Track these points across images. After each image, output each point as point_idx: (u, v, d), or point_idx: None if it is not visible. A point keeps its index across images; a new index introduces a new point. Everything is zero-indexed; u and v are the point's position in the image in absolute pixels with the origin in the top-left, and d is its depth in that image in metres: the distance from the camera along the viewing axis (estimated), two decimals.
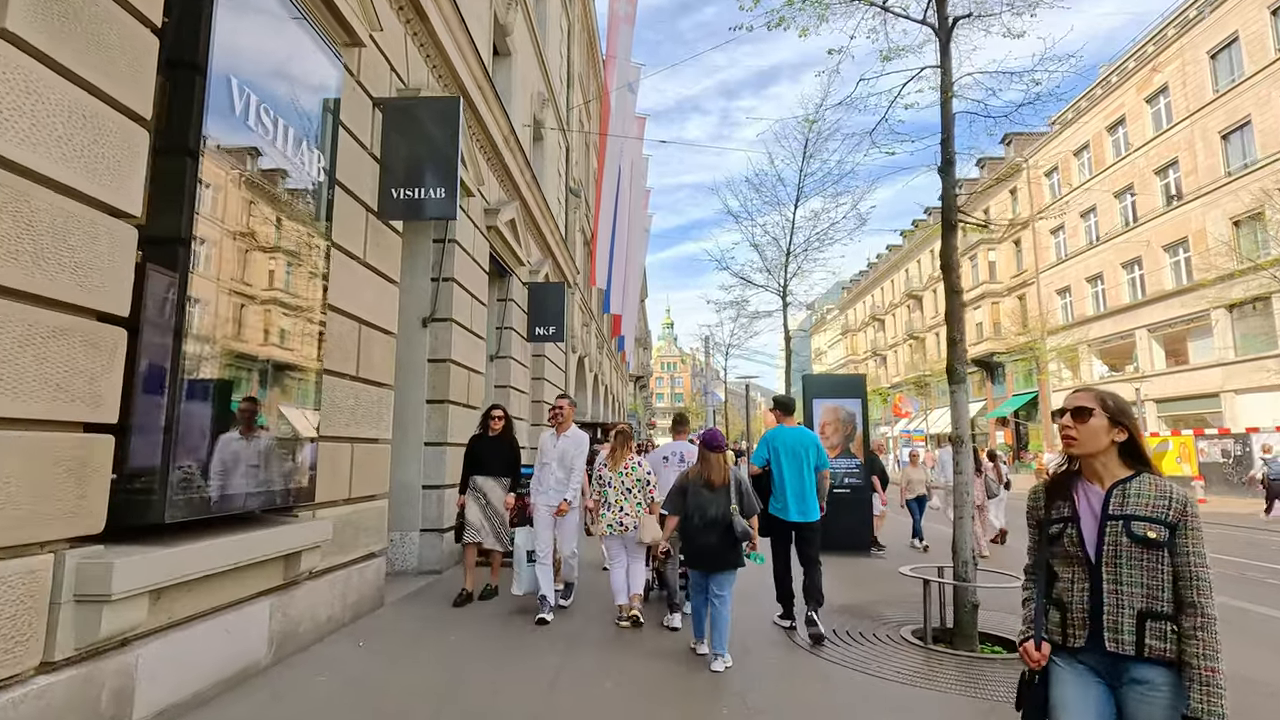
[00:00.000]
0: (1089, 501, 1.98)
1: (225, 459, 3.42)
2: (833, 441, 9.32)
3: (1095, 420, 1.98)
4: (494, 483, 6.08)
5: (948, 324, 5.18)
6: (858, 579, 7.46)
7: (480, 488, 6.05)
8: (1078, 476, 2.05)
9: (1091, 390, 2.05)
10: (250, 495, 3.62)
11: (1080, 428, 1.99)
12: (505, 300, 10.45)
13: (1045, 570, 2.04)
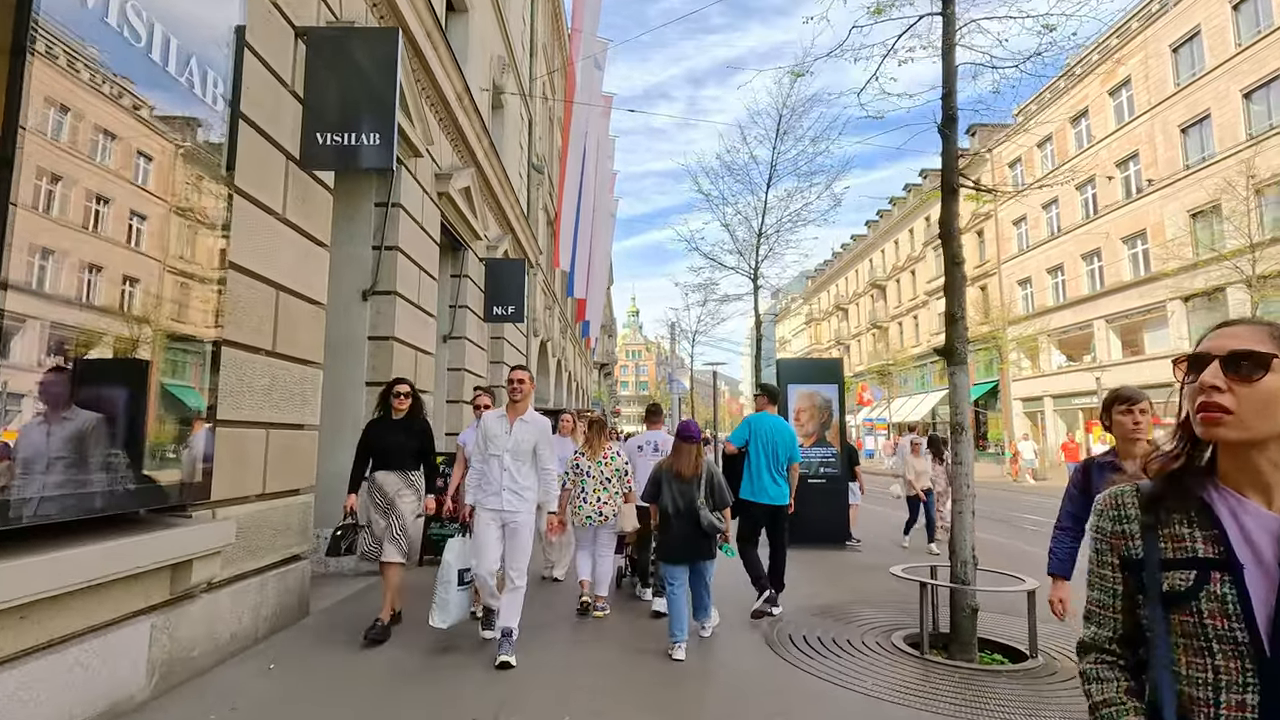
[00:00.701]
0: (1250, 533, 1.02)
1: (61, 450, 2.68)
2: (808, 429, 8.85)
3: (1273, 378, 1.00)
4: (397, 478, 4.75)
5: (948, 298, 4.67)
6: (835, 575, 6.99)
7: (379, 485, 4.72)
8: (1209, 481, 1.08)
9: (1259, 324, 1.05)
10: (105, 494, 2.87)
11: (1242, 390, 1.00)
12: (460, 276, 9.68)
13: (1157, 654, 1.06)
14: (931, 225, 40.91)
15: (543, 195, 17.78)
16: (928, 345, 39.97)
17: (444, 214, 8.44)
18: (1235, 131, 21.88)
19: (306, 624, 4.78)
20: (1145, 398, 2.75)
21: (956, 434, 4.56)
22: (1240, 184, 17.36)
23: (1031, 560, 6.79)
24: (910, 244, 44.42)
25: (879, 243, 50.13)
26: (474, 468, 4.39)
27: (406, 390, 4.91)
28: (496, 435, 4.28)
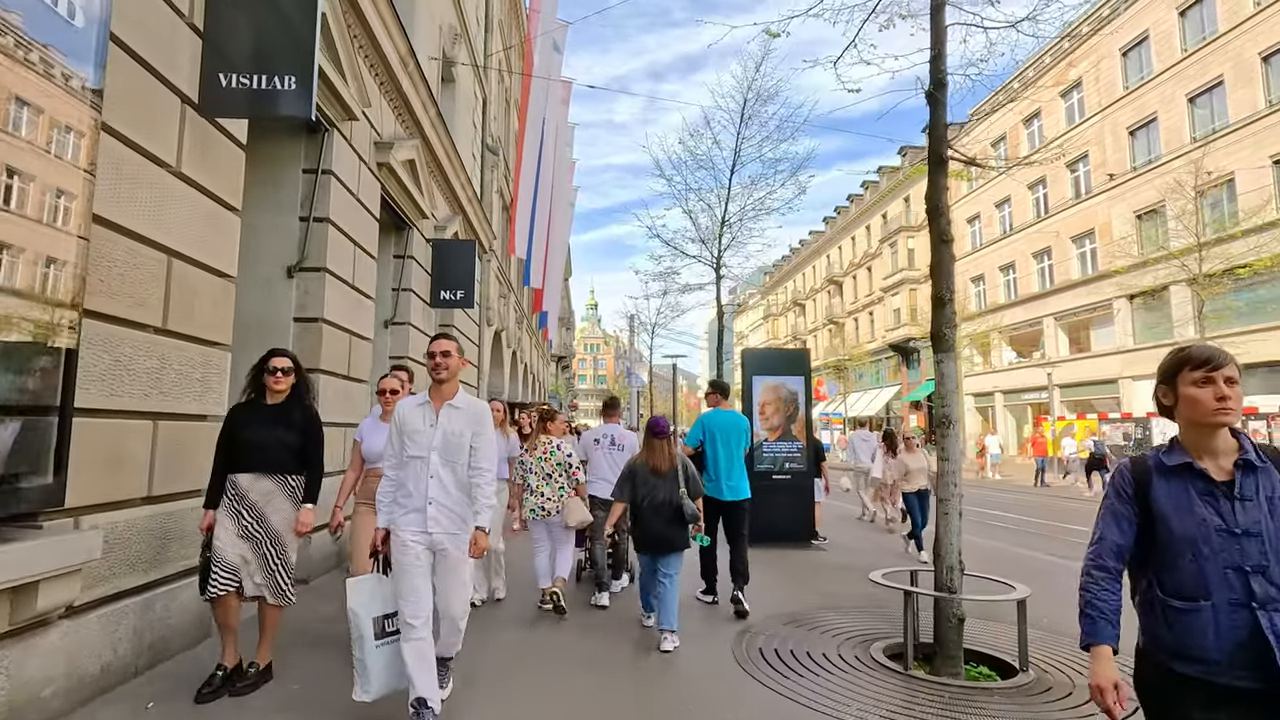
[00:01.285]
0: None
1: None
2: (773, 422, 8.46)
3: None
4: (270, 484, 3.51)
5: (935, 279, 4.27)
6: (802, 577, 6.60)
7: (244, 493, 3.47)
8: None
9: None
10: None
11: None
12: (404, 258, 8.97)
13: None
14: (888, 223, 41.38)
15: (498, 179, 17.03)
16: (883, 341, 40.46)
17: (385, 187, 7.73)
18: (1180, 134, 22.49)
19: (201, 651, 4.10)
20: (1231, 359, 1.75)
21: (944, 427, 4.18)
22: (1189, 183, 17.71)
23: (1011, 560, 6.56)
24: (867, 241, 44.88)
25: (836, 239, 50.56)
26: (388, 476, 3.24)
27: (286, 365, 3.63)
28: (417, 430, 3.15)
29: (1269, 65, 19.87)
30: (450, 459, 3.16)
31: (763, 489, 8.24)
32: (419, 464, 3.14)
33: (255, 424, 3.55)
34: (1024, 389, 29.78)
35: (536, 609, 5.25)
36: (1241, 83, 20.43)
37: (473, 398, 3.40)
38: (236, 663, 3.49)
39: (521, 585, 5.89)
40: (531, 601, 5.43)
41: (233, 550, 3.42)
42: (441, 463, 3.15)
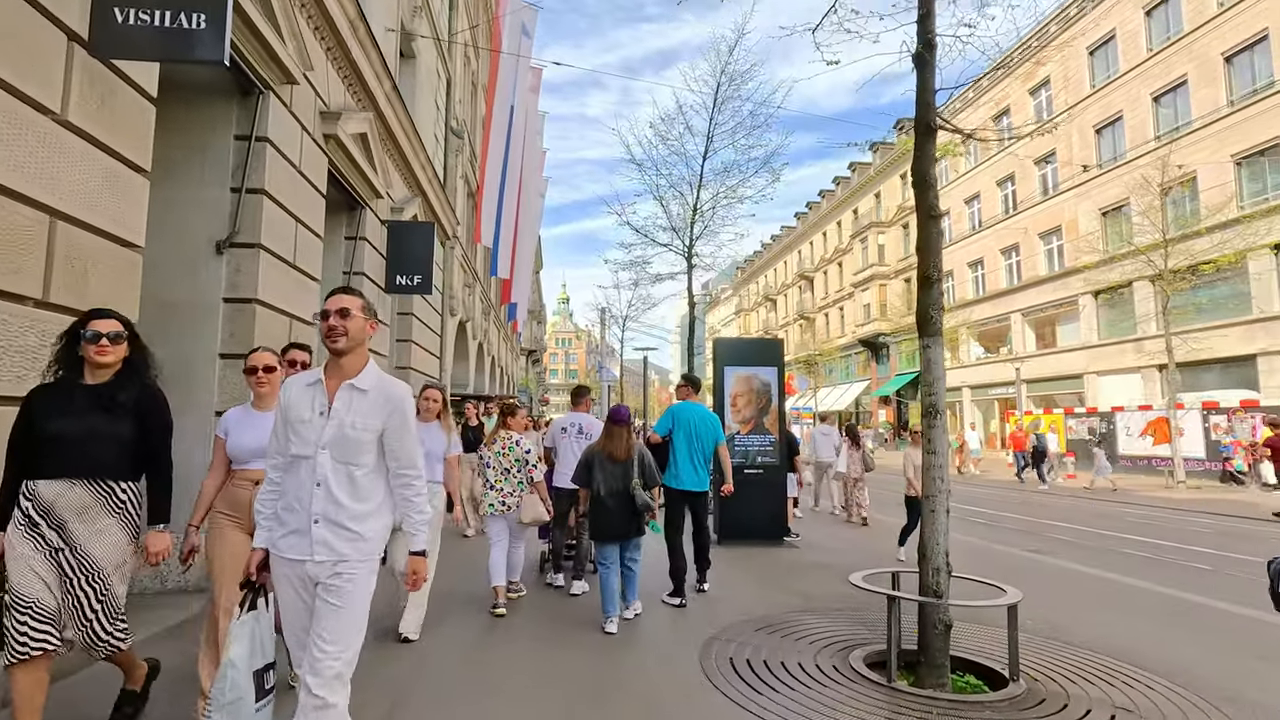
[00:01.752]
0: None
1: None
2: (745, 415, 8.12)
3: None
4: (86, 494, 2.60)
5: (922, 257, 3.94)
6: (777, 577, 6.27)
7: (47, 507, 2.54)
8: None
9: None
10: None
11: None
12: (356, 239, 8.42)
13: None
14: (859, 218, 41.53)
15: (463, 164, 16.44)
16: (853, 337, 40.65)
17: (333, 162, 7.18)
18: (1145, 133, 22.78)
19: None
20: None
21: (930, 418, 3.85)
22: (1155, 179, 17.86)
23: (995, 559, 6.33)
24: (838, 236, 45.02)
25: (808, 234, 50.68)
26: (270, 481, 2.38)
27: (113, 329, 2.69)
28: (304, 418, 2.28)
29: (1231, 65, 20.17)
30: (347, 459, 2.26)
31: (734, 484, 7.92)
32: (304, 466, 2.26)
33: (65, 411, 2.56)
34: (991, 384, 30.09)
35: (489, 612, 4.90)
36: (1205, 82, 20.72)
37: (387, 377, 2.44)
38: None
39: (461, 593, 5.46)
40: (480, 604, 5.01)
41: (34, 588, 2.46)
42: (334, 465, 2.25)
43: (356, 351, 2.37)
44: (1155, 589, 6.17)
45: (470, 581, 5.79)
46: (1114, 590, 6.13)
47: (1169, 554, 8.22)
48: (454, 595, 5.35)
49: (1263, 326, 18.47)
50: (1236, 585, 6.44)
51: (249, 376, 3.24)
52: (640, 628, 4.67)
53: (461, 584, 5.72)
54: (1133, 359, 22.53)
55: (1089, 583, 6.39)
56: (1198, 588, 6.27)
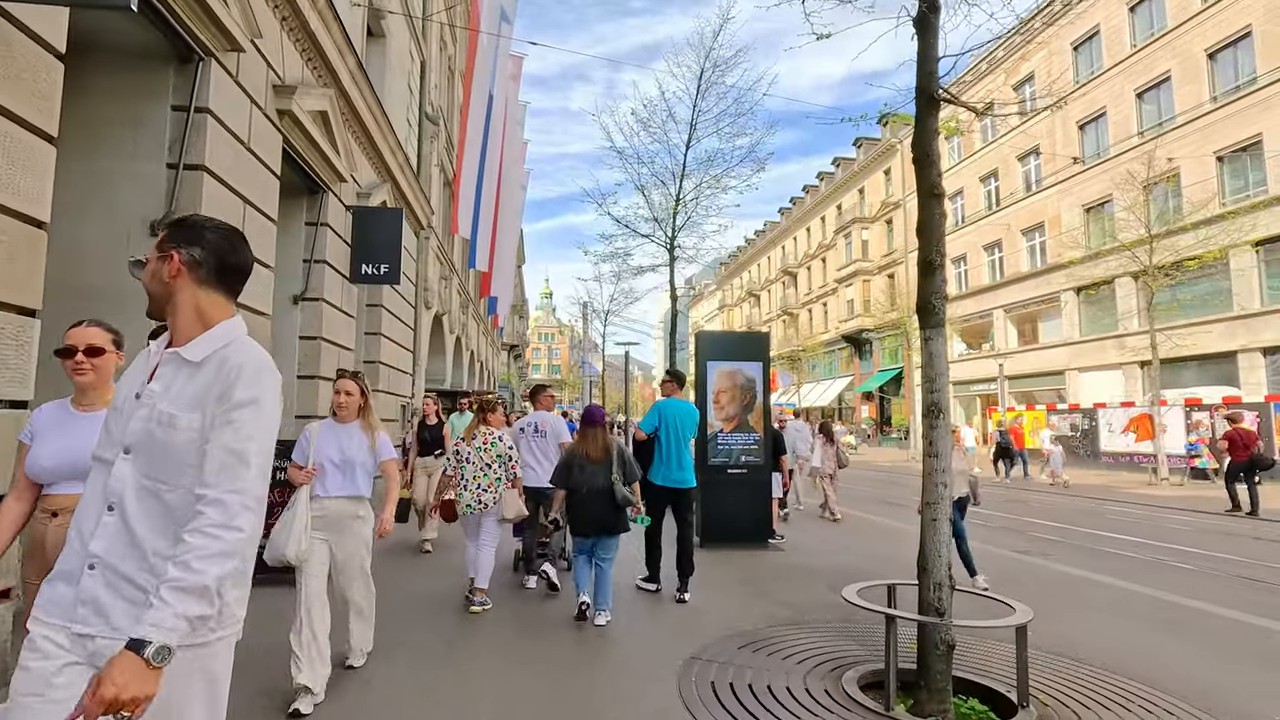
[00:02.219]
0: None
1: None
2: (728, 412, 7.76)
3: None
4: None
5: (923, 240, 3.58)
6: (760, 584, 5.92)
7: None
8: None
9: None
10: None
11: None
12: (317, 225, 7.92)
13: None
14: (843, 214, 41.39)
15: (439, 152, 15.90)
16: (836, 332, 40.54)
17: (290, 140, 6.69)
18: (1128, 129, 22.76)
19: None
20: None
21: (932, 417, 3.50)
22: (1141, 174, 17.77)
23: (984, 560, 6.00)
24: (822, 232, 44.88)
25: (792, 230, 50.53)
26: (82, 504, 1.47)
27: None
28: (117, 403, 1.51)
29: (1214, 61, 20.16)
30: (154, 471, 1.42)
31: (717, 484, 7.58)
32: (97, 477, 1.46)
33: None
34: (973, 380, 30.08)
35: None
36: (1188, 78, 20.70)
37: (242, 342, 1.52)
38: None
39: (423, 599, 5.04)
40: (448, 617, 4.60)
41: None
42: (135, 478, 1.42)
43: (185, 308, 1.50)
44: (1153, 594, 5.91)
45: (435, 585, 5.39)
46: (1112, 596, 5.86)
47: (1159, 553, 8.00)
48: (417, 603, 4.94)
49: (1243, 323, 18.50)
50: (1233, 588, 6.21)
51: (64, 361, 2.34)
52: (616, 643, 4.29)
53: (426, 587, 5.32)
54: (1114, 355, 22.54)
55: (1085, 588, 6.11)
56: (1194, 591, 6.01)
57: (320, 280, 7.91)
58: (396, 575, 5.94)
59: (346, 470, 3.59)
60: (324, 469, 3.57)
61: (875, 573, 6.28)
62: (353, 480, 3.62)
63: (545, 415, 6.13)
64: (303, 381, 7.76)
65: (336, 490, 3.58)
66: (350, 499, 3.62)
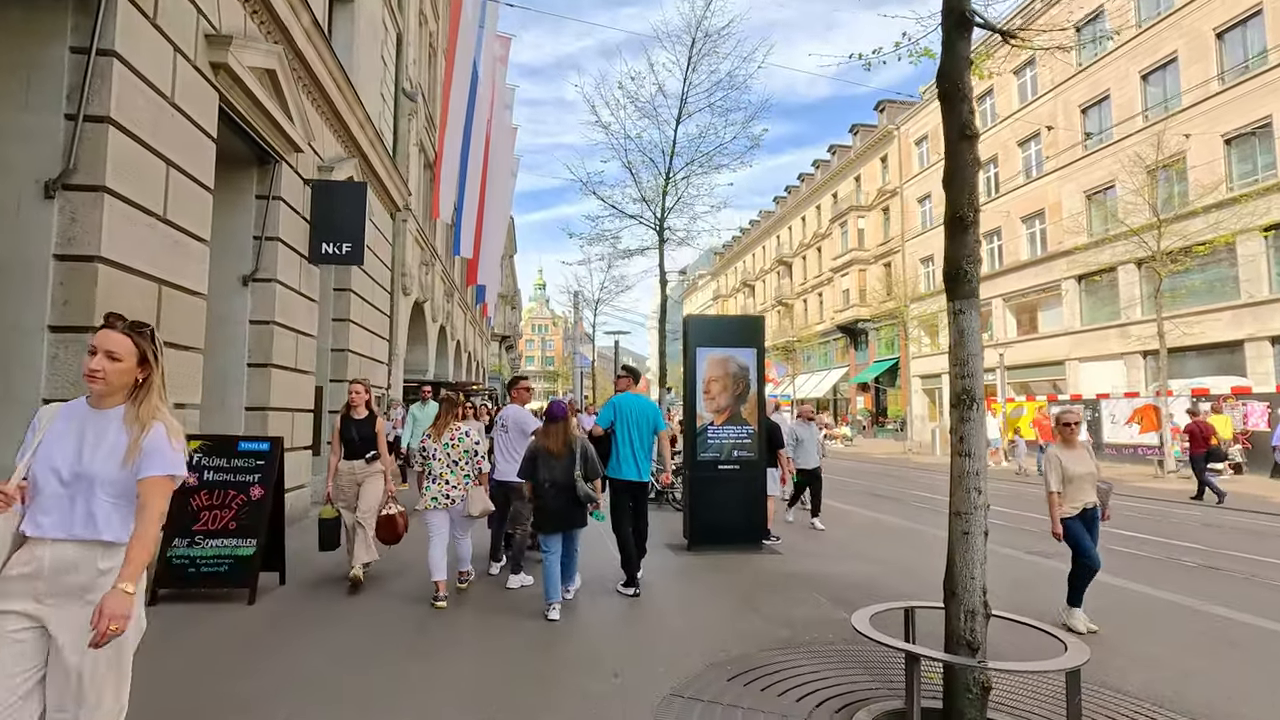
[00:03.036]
0: None
1: None
2: (720, 403, 7.12)
3: None
4: None
5: (950, 193, 2.93)
6: (753, 596, 5.29)
7: None
8: None
9: None
10: None
11: None
12: (269, 198, 7.21)
13: None
14: (839, 202, 40.70)
15: (417, 130, 15.14)
16: (831, 323, 39.94)
17: (228, 99, 5.98)
18: (1133, 111, 22.12)
19: None
20: None
21: (965, 408, 2.86)
22: (1150, 156, 17.15)
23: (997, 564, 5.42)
24: (817, 221, 44.19)
25: (787, 219, 49.82)
26: None
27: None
28: None
29: (1223, 41, 19.51)
30: None
31: (706, 481, 6.95)
32: None
33: None
34: None
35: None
36: (1195, 59, 20.06)
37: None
38: None
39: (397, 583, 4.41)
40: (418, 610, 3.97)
41: None
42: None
43: None
44: (1188, 604, 5.31)
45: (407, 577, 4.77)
46: (1147, 607, 5.26)
47: (1178, 553, 7.42)
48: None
49: (1251, 311, 17.95)
50: (1270, 596, 5.62)
51: None
52: (587, 672, 3.65)
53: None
54: (1116, 345, 22.02)
55: (1115, 597, 5.51)
56: (1229, 600, 5.42)
57: (273, 259, 7.21)
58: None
59: (78, 493, 1.91)
60: (38, 488, 1.92)
61: (883, 582, 5.68)
62: (88, 511, 1.91)
63: (514, 409, 6.01)
64: (254, 370, 7.09)
65: (56, 530, 1.89)
66: (84, 544, 1.90)
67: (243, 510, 4.79)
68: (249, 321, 7.08)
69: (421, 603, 4.85)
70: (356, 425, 5.34)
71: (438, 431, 5.12)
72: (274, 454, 4.97)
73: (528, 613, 4.71)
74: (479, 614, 4.72)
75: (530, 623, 4.51)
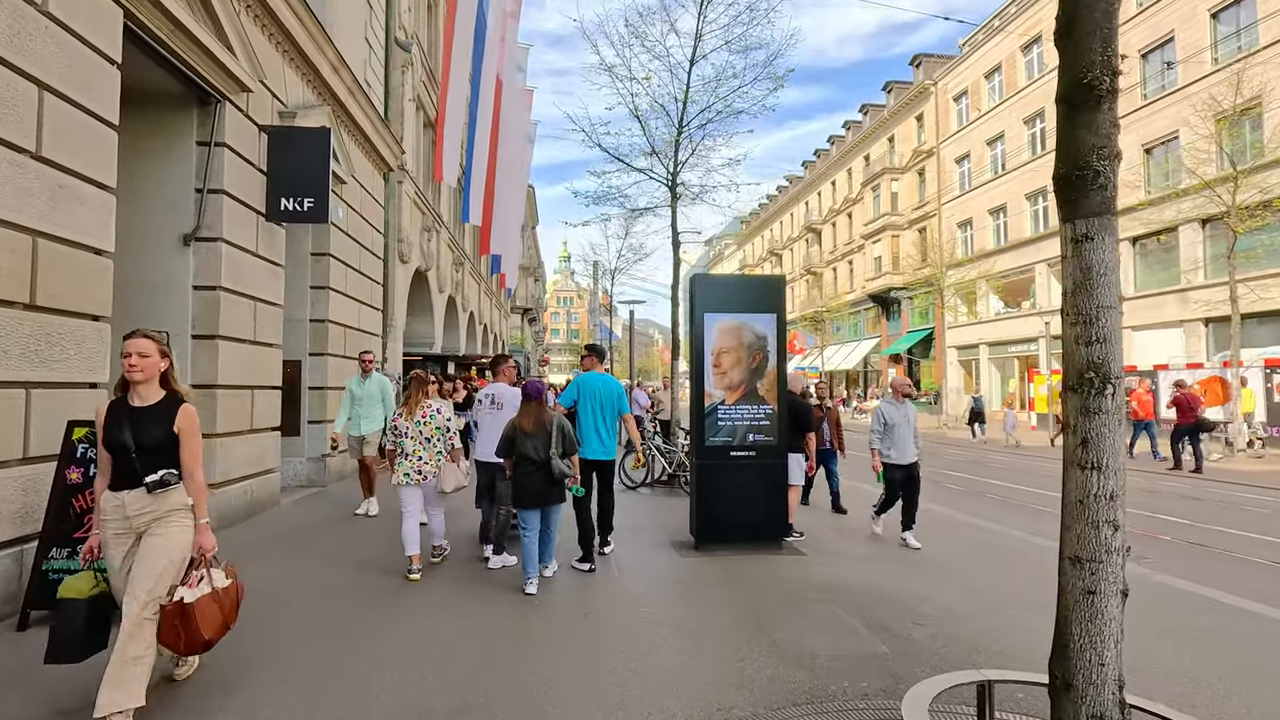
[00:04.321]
0: None
1: None
2: (733, 379, 6.05)
3: None
4: None
5: (1071, 48, 1.83)
6: (767, 617, 4.28)
7: None
8: None
9: None
10: None
11: None
12: (210, 145, 6.26)
13: None
14: (871, 165, 38.68)
15: (413, 85, 14.07)
16: (862, 291, 38.26)
17: (137, 18, 4.99)
18: (1201, 55, 20.06)
19: None
20: None
21: (1090, 392, 1.78)
22: (1227, 98, 15.34)
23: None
24: (848, 185, 42.21)
25: (816, 184, 47.81)
26: None
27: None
28: None
29: None
30: None
31: (717, 470, 5.94)
32: None
33: None
34: (1011, 341, 27.91)
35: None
36: None
37: None
38: None
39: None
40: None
41: None
42: None
43: None
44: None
45: None
46: (1229, 624, 4.14)
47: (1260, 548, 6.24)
48: None
49: None
50: None
51: None
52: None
53: None
54: (1174, 311, 20.33)
55: (1221, 619, 4.39)
56: None
57: (218, 215, 6.28)
58: None
59: None
60: None
61: (932, 596, 4.63)
62: None
63: (502, 388, 5.85)
64: (200, 343, 6.21)
65: None
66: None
67: None
68: (192, 287, 6.19)
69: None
70: (135, 421, 2.84)
71: (409, 411, 5.20)
72: None
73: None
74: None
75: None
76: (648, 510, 7.93)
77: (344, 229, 9.70)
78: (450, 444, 5.21)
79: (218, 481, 6.22)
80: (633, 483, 9.63)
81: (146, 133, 6.12)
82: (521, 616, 4.22)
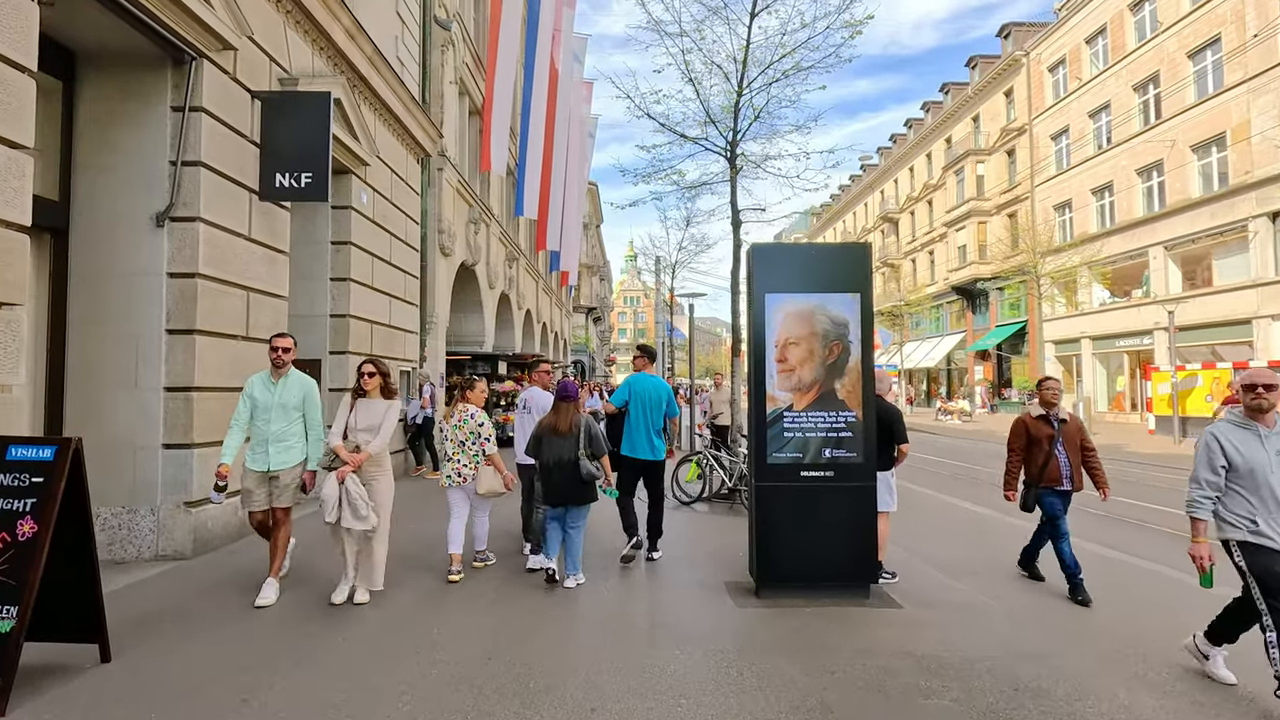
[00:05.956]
0: None
1: None
2: (802, 377, 4.70)
3: None
4: None
5: None
6: (863, 717, 2.95)
7: None
8: None
9: None
10: None
11: None
12: (186, 109, 5.40)
13: None
14: (953, 147, 35.86)
15: (455, 66, 13.25)
16: (945, 284, 35.54)
17: None
18: None
19: None
20: None
21: None
22: None
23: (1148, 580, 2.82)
24: (928, 170, 39.43)
25: (892, 171, 45.07)
26: None
27: None
28: None
29: None
30: None
31: (783, 494, 4.63)
32: None
33: None
34: (1120, 334, 24.94)
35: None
36: None
37: None
38: None
39: None
40: None
41: None
42: None
43: None
44: None
45: None
46: None
47: None
48: None
49: None
50: None
51: None
52: None
53: None
54: None
55: None
56: None
57: (195, 191, 5.43)
58: None
59: None
60: None
61: (1079, 674, 3.15)
62: None
63: (536, 392, 5.92)
64: (176, 338, 5.38)
65: None
66: None
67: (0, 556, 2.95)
68: (167, 274, 5.36)
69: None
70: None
71: (448, 413, 5.39)
72: (58, 467, 3.08)
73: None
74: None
75: None
76: (701, 534, 6.68)
77: (369, 215, 8.86)
78: (482, 449, 5.18)
79: (195, 500, 5.36)
80: (688, 497, 8.37)
81: (113, 96, 5.33)
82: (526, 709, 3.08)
